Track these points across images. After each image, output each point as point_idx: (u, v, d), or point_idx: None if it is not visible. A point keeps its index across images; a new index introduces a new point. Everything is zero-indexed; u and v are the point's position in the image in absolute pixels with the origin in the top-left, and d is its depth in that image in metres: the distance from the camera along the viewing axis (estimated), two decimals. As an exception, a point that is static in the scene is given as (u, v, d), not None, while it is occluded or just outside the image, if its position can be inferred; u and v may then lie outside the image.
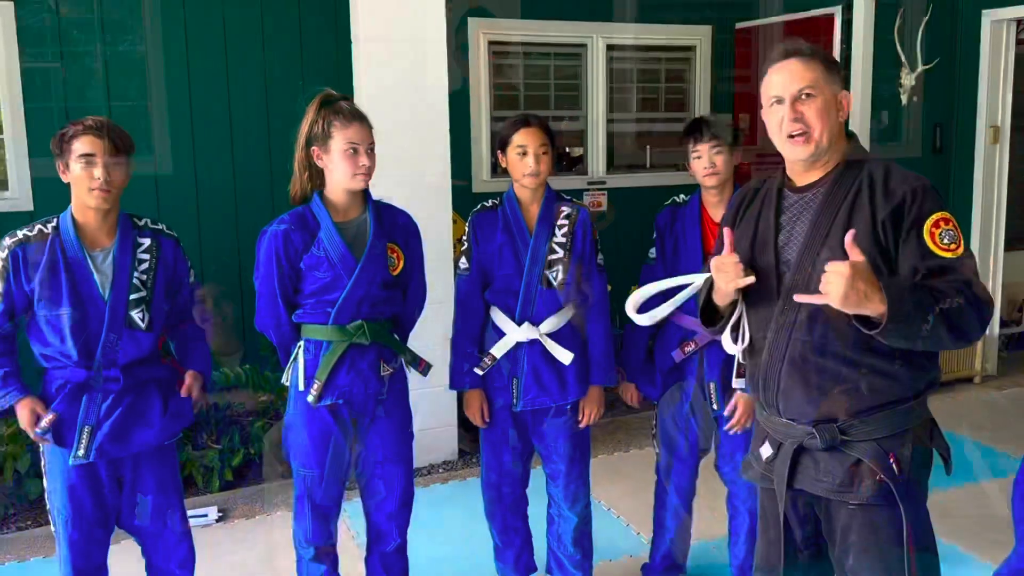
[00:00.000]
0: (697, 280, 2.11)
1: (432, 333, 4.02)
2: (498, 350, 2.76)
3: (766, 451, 2.02)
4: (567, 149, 6.36)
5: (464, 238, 2.82)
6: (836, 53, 5.41)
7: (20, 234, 2.36)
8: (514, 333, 2.73)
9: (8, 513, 3.90)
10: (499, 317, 2.77)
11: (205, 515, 3.75)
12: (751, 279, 1.91)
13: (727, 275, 1.93)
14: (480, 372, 2.77)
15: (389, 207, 2.61)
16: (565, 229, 2.75)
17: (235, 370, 4.19)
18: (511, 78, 6.00)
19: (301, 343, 2.53)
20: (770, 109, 1.94)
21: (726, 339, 2.04)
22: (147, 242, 2.43)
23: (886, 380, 1.85)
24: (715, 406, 2.84)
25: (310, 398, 2.49)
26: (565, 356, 2.73)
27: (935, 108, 5.67)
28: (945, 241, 1.80)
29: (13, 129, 4.72)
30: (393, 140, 2.81)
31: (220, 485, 4.08)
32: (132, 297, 2.38)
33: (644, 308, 2.18)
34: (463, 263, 2.80)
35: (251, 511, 3.88)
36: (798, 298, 1.82)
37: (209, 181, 5.14)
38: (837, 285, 1.68)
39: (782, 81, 1.91)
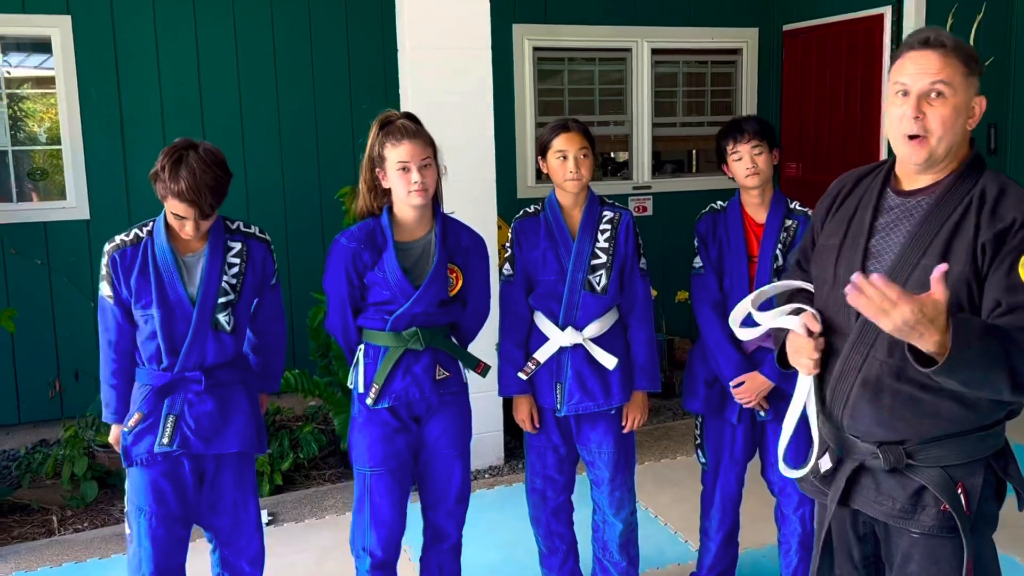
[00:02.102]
0: (786, 321, 1.91)
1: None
2: (542, 354, 2.76)
3: (824, 464, 1.91)
4: (612, 154, 6.35)
5: (508, 244, 2.83)
6: (886, 54, 5.33)
7: (118, 239, 2.42)
8: (557, 338, 2.73)
9: (65, 515, 4.00)
10: (543, 322, 2.77)
11: (255, 518, 3.81)
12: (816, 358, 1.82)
13: (800, 355, 1.84)
14: (524, 376, 2.77)
15: (456, 225, 2.65)
16: (608, 234, 2.74)
17: (284, 375, 4.25)
18: (556, 83, 6.00)
19: (362, 346, 2.60)
20: (893, 99, 1.76)
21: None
22: (238, 246, 2.48)
23: (964, 408, 1.71)
24: (761, 412, 2.81)
25: (368, 401, 2.56)
26: (609, 361, 2.72)
27: (989, 108, 5.43)
28: None
29: (71, 140, 4.85)
30: (438, 147, 2.84)
31: (270, 489, 4.13)
32: (220, 300, 2.43)
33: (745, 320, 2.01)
34: (507, 269, 2.81)
35: (300, 515, 3.93)
36: (850, 300, 1.56)
37: (259, 188, 5.23)
38: (896, 317, 1.51)
39: (913, 72, 1.71)
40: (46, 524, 3.93)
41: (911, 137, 1.72)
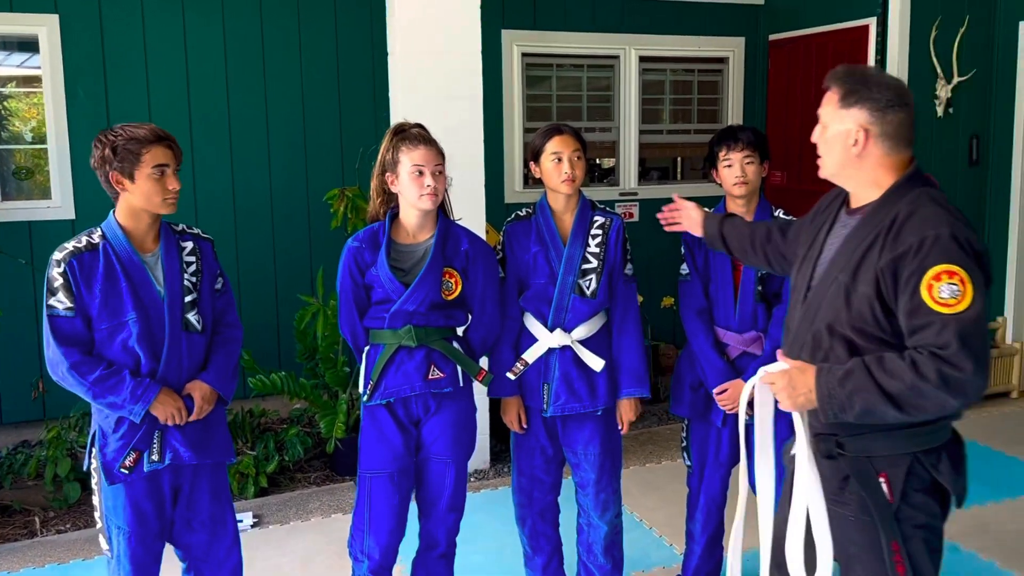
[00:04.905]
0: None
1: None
2: (530, 355, 2.77)
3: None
4: (598, 160, 6.38)
5: (498, 247, 2.84)
6: (871, 64, 5.39)
7: (70, 246, 2.32)
8: (546, 339, 2.75)
9: (48, 516, 3.98)
10: (532, 323, 2.78)
11: (240, 521, 3.77)
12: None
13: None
14: (512, 377, 2.79)
15: (457, 231, 2.67)
16: (599, 239, 2.76)
17: (270, 377, 4.24)
18: (544, 90, 6.03)
19: (367, 348, 2.64)
20: None
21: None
22: (189, 245, 2.47)
23: None
24: (745, 416, 2.83)
25: (364, 397, 2.60)
26: (596, 363, 2.74)
27: (972, 119, 5.61)
28: (943, 295, 1.71)
29: (57, 139, 4.83)
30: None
31: (255, 491, 4.12)
32: (186, 299, 2.40)
33: None
34: (499, 272, 2.82)
35: (285, 517, 3.92)
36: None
37: (246, 190, 5.22)
38: (779, 391, 1.89)
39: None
40: (28, 525, 3.90)
41: (818, 156, 1.97)
